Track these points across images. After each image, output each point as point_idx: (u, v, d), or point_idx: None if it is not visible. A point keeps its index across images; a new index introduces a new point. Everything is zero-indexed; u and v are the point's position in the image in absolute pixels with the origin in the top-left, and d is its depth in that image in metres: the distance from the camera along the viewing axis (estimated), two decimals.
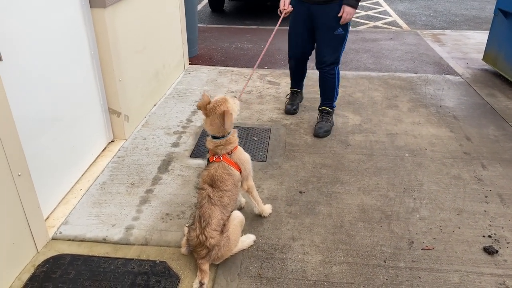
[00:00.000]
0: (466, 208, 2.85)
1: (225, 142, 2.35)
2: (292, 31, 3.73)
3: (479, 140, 3.70)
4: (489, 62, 5.30)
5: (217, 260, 2.29)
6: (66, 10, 2.84)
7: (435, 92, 4.71)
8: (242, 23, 8.07)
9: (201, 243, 2.19)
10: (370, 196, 2.96)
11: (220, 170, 2.30)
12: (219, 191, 2.26)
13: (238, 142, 2.44)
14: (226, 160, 2.34)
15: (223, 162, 2.33)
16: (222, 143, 2.35)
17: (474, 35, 7.04)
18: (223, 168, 2.31)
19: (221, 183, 2.28)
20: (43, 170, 2.64)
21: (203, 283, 2.16)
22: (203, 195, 2.26)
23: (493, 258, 2.44)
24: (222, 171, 2.30)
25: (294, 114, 4.14)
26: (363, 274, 2.32)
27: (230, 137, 2.37)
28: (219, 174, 2.29)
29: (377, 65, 5.61)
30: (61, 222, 2.66)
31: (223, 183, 2.28)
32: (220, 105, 2.30)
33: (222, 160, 2.33)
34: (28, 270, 2.29)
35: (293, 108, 4.15)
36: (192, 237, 2.23)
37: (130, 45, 3.60)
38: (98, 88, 3.30)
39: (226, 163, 2.33)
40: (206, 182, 2.30)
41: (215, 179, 2.28)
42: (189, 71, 5.29)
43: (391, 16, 8.65)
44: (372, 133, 3.80)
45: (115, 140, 3.60)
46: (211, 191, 2.26)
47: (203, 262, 2.22)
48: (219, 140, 2.34)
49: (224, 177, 2.29)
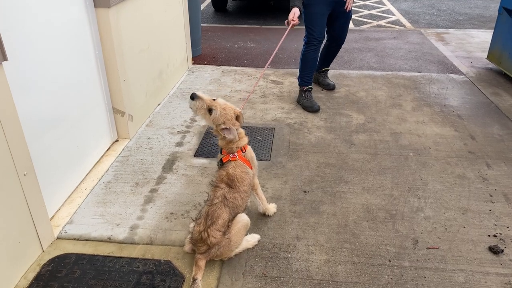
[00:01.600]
0: (471, 207, 2.84)
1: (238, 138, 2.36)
2: (318, 14, 3.98)
3: (483, 139, 3.68)
4: (494, 60, 5.27)
5: (216, 258, 2.30)
6: (70, 10, 2.85)
7: (439, 91, 4.70)
8: (245, 22, 8.06)
9: (202, 239, 2.20)
10: (374, 196, 2.95)
11: (238, 169, 2.30)
12: (235, 192, 2.26)
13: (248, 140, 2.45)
14: (241, 158, 2.34)
15: (239, 161, 2.32)
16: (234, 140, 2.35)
17: (478, 33, 7.01)
18: (241, 166, 2.31)
19: (240, 183, 2.28)
20: (48, 170, 2.64)
21: (195, 279, 2.16)
22: (217, 194, 2.26)
23: (499, 257, 2.43)
24: (240, 170, 2.30)
25: (319, 111, 4.20)
26: (368, 273, 2.32)
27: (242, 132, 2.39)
28: (238, 173, 2.29)
29: (381, 64, 5.60)
30: (66, 221, 2.67)
31: (242, 183, 2.28)
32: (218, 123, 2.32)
33: (238, 159, 2.33)
34: (34, 269, 2.30)
35: (316, 106, 4.21)
36: (195, 231, 2.24)
37: (134, 44, 3.60)
38: (102, 88, 3.31)
39: (242, 162, 2.33)
40: (223, 181, 2.29)
41: (234, 179, 2.27)
42: (192, 71, 5.29)
43: (394, 15, 8.62)
44: (376, 132, 3.80)
45: (119, 139, 3.61)
46: (227, 191, 2.26)
47: (201, 257, 2.22)
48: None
49: (243, 176, 2.29)
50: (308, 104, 4.22)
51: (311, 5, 3.93)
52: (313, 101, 4.24)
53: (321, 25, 4.05)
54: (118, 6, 3.24)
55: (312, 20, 4.01)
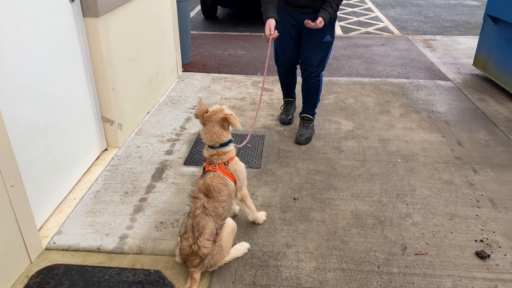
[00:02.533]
0: (458, 212, 2.88)
1: (221, 152, 2.36)
2: (281, 39, 3.57)
3: (470, 144, 3.74)
4: (479, 67, 5.37)
5: (210, 268, 2.30)
6: (59, 19, 2.85)
7: (426, 97, 4.76)
8: (235, 29, 8.11)
9: (194, 253, 2.19)
10: (363, 202, 2.98)
11: (216, 180, 2.31)
12: (214, 201, 2.27)
13: (235, 153, 2.45)
14: (222, 170, 2.35)
15: (219, 172, 2.33)
16: (217, 153, 2.36)
17: (464, 40, 7.13)
18: (219, 177, 2.32)
19: (217, 194, 2.28)
20: (36, 180, 2.63)
21: None
22: (197, 205, 2.26)
23: (485, 262, 2.47)
24: (218, 181, 2.31)
25: (290, 124, 4.12)
26: (357, 280, 2.34)
27: (228, 148, 2.38)
28: (215, 184, 2.30)
29: (369, 71, 5.66)
30: (54, 232, 2.65)
31: (219, 194, 2.29)
32: (217, 113, 2.32)
33: (218, 170, 2.34)
34: (22, 281, 2.28)
35: (288, 118, 4.12)
36: (185, 246, 2.22)
37: (123, 53, 3.61)
38: (91, 97, 3.31)
39: (222, 173, 2.34)
40: (201, 191, 2.30)
41: (211, 189, 2.28)
42: (182, 78, 5.30)
43: (382, 22, 8.73)
44: (365, 139, 3.83)
45: (109, 148, 3.60)
46: (206, 201, 2.26)
47: (195, 270, 2.22)
48: (215, 150, 2.36)
49: (220, 187, 2.30)
50: (281, 116, 4.16)
51: (277, 23, 3.37)
52: (288, 114, 4.12)
53: (285, 47, 3.66)
54: (106, 15, 3.24)
55: (277, 40, 3.55)
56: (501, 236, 2.66)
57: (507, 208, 2.92)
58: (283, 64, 3.87)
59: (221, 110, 2.35)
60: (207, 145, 2.39)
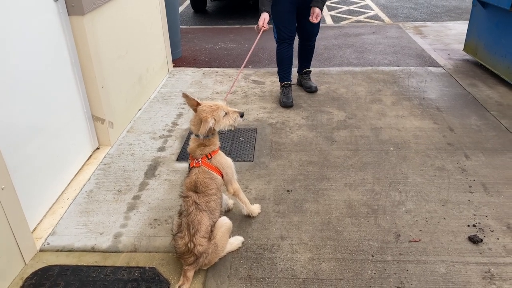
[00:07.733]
0: (451, 198, 2.90)
1: (207, 142, 2.36)
2: (282, 16, 4.06)
3: (462, 130, 3.75)
4: (470, 52, 5.37)
5: (205, 266, 2.30)
6: (44, 19, 2.81)
7: (418, 84, 4.77)
8: (225, 23, 8.06)
9: (189, 251, 2.19)
10: (356, 191, 2.99)
11: (201, 175, 2.31)
12: (204, 196, 2.27)
13: (219, 146, 2.45)
14: (205, 164, 2.34)
15: (203, 167, 2.33)
16: (203, 142, 2.35)
17: (455, 25, 7.13)
18: (204, 172, 2.32)
19: (205, 188, 2.28)
20: (28, 182, 2.62)
21: None
22: (189, 203, 2.26)
23: (478, 247, 2.49)
24: (203, 176, 2.31)
25: (292, 106, 4.28)
26: (351, 269, 2.35)
27: (211, 139, 2.38)
28: (200, 179, 2.30)
29: (360, 59, 5.65)
30: (48, 233, 2.65)
31: (207, 188, 2.29)
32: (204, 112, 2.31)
33: (202, 165, 2.34)
34: (17, 283, 2.28)
35: (290, 101, 4.28)
36: (180, 245, 2.22)
37: (111, 51, 3.58)
38: (81, 96, 3.28)
39: (206, 168, 2.34)
40: (190, 189, 2.30)
41: (198, 185, 2.28)
42: (173, 74, 5.27)
43: (373, 10, 8.70)
44: (357, 128, 3.84)
45: (101, 147, 3.58)
46: (196, 198, 2.26)
47: (189, 268, 2.23)
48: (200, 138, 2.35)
49: (206, 181, 2.30)
50: (283, 99, 4.31)
51: (276, 4, 3.98)
52: (288, 96, 4.32)
53: (289, 22, 4.12)
54: (93, 13, 3.21)
55: (279, 18, 4.08)
56: (493, 220, 2.69)
57: (499, 192, 2.94)
58: (287, 37, 4.18)
59: (212, 110, 2.33)
60: (193, 134, 2.39)
